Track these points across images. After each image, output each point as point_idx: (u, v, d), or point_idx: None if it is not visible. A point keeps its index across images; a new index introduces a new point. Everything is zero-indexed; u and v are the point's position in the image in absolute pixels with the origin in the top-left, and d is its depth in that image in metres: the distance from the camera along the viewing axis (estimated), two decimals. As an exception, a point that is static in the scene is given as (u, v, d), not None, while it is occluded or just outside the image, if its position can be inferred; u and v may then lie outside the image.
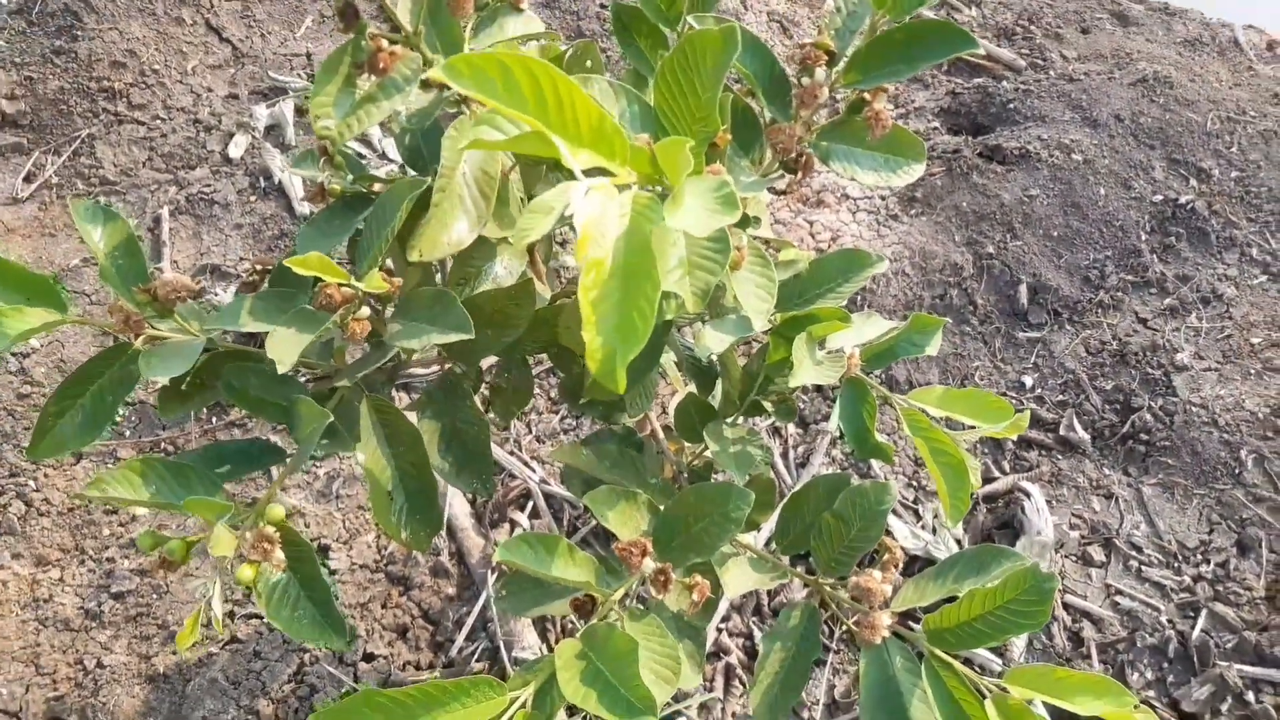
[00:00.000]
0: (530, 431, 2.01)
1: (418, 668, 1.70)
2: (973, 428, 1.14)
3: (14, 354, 1.97)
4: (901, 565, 1.06)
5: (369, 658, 1.69)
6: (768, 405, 1.21)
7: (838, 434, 2.02)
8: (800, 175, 1.02)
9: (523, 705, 0.88)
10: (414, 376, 2.06)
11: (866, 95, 1.05)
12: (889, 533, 1.87)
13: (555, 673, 0.91)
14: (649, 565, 0.97)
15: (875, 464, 1.98)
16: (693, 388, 1.33)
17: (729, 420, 1.20)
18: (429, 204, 0.99)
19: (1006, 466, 2.00)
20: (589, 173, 0.67)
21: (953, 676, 0.98)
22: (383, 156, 2.42)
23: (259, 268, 1.15)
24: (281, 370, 0.86)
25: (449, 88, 1.03)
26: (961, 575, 1.05)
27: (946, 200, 2.32)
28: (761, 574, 1.09)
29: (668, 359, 1.40)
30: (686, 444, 1.31)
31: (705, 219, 0.70)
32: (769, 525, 1.78)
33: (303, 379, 1.15)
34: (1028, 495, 1.89)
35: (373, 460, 1.07)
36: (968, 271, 2.21)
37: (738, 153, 1.10)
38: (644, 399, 1.32)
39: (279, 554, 0.91)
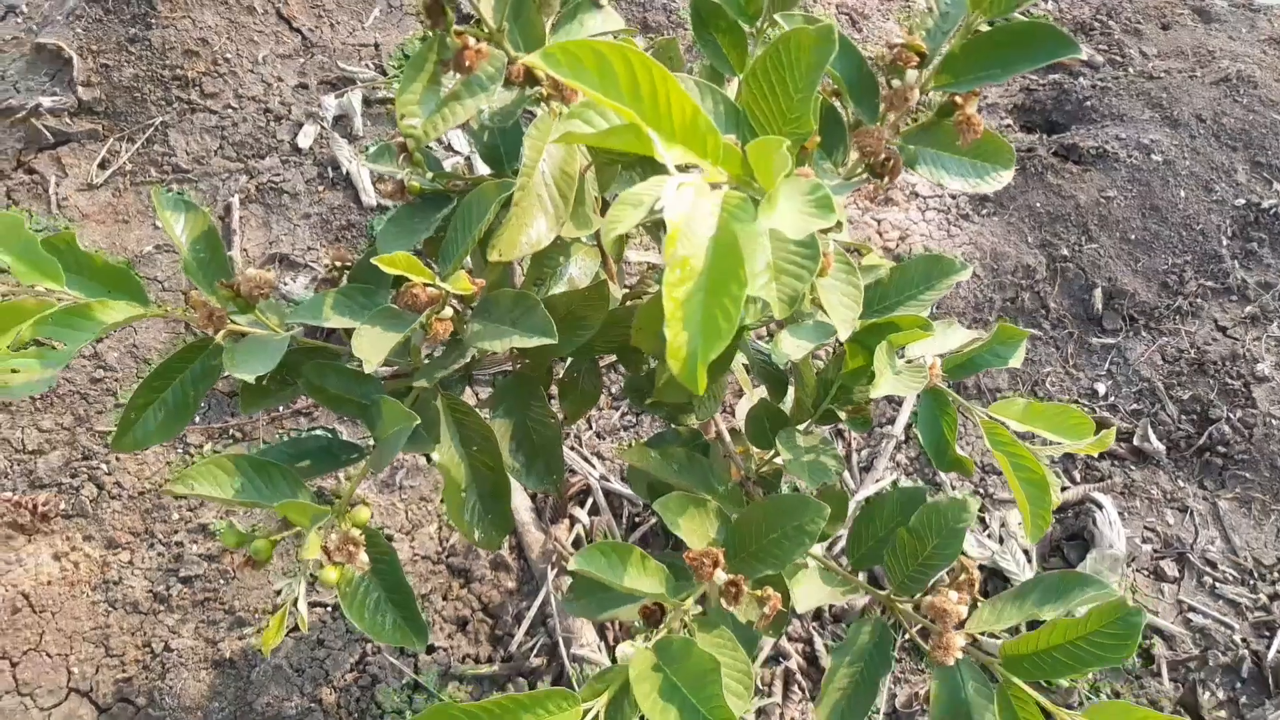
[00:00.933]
0: (590, 428, 2.00)
1: (477, 661, 1.71)
2: (1056, 443, 1.11)
3: (89, 338, 2.00)
4: (978, 585, 1.04)
5: (429, 649, 1.70)
6: (841, 414, 1.18)
7: (902, 438, 1.98)
8: (888, 180, 1.00)
9: (595, 717, 0.87)
10: (478, 373, 2.06)
11: (957, 99, 1.02)
12: (953, 541, 1.83)
13: (628, 683, 0.90)
14: (720, 577, 0.95)
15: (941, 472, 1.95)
16: (763, 392, 1.31)
17: (801, 427, 1.18)
18: (509, 203, 0.99)
19: (1078, 476, 1.95)
20: (678, 170, 0.66)
21: (1026, 705, 0.95)
22: (448, 148, 2.42)
23: (339, 263, 1.15)
24: (368, 370, 0.86)
25: (531, 86, 1.02)
26: (1041, 600, 1.02)
27: (1019, 200, 2.26)
28: (832, 587, 1.07)
29: (736, 361, 1.38)
30: (755, 449, 1.29)
31: (800, 221, 0.68)
32: (836, 537, 1.76)
33: (379, 376, 1.15)
34: (1099, 507, 1.84)
35: (448, 459, 1.07)
36: (1040, 274, 2.15)
37: (821, 155, 1.07)
38: (713, 402, 1.30)
39: (363, 556, 0.91)
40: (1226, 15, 2.81)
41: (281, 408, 1.96)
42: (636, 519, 1.89)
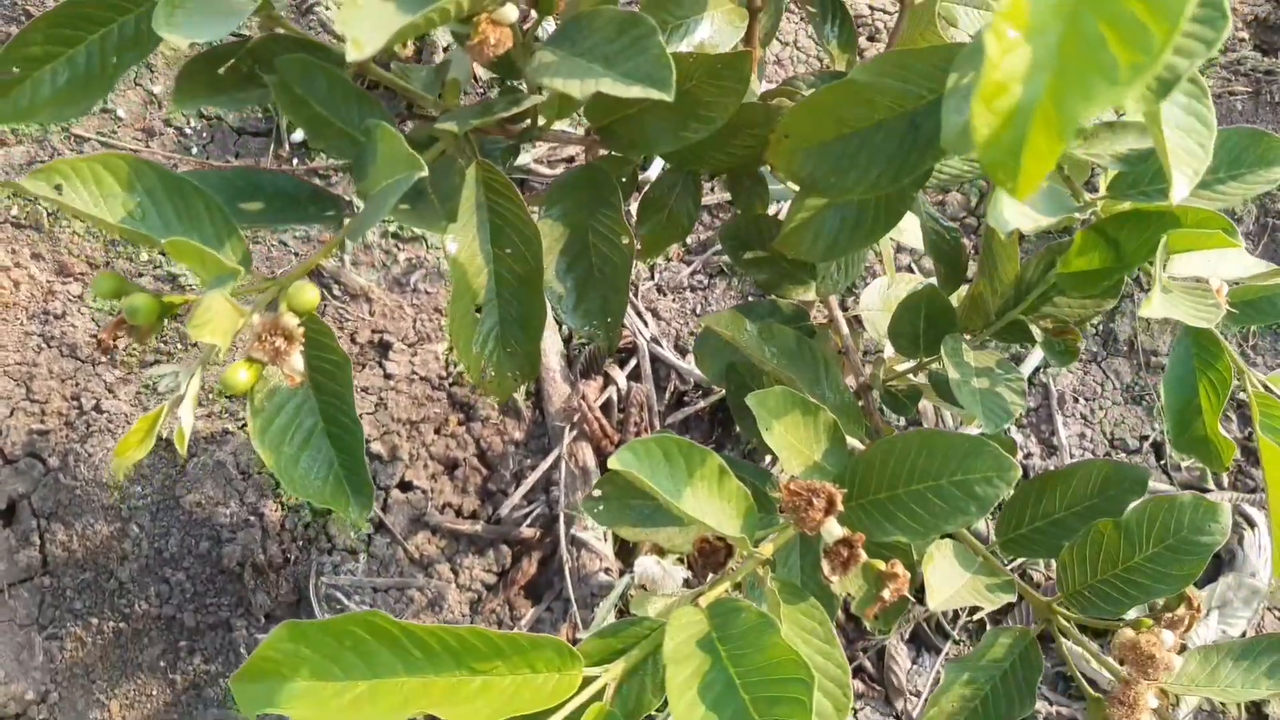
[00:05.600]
0: (652, 277, 1.65)
1: (459, 514, 1.41)
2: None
3: None
4: (1196, 626, 0.69)
5: (405, 487, 1.41)
6: (1036, 331, 0.82)
7: (1025, 378, 1.61)
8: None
9: (597, 695, 0.55)
10: (532, 174, 1.70)
11: None
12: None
13: (657, 655, 0.57)
14: (832, 529, 0.61)
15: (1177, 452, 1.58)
16: (910, 282, 0.95)
17: (971, 338, 0.82)
18: None
19: (1225, 480, 1.58)
20: None
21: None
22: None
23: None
24: (354, 56, 0.50)
25: None
26: (1283, 668, 0.68)
27: (1245, 131, 1.81)
28: (973, 575, 0.73)
29: (885, 240, 1.00)
30: (892, 352, 0.93)
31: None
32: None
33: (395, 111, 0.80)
34: (1250, 525, 1.48)
35: (467, 254, 0.73)
36: (1247, 227, 1.73)
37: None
38: (845, 274, 0.94)
39: (296, 360, 0.58)
40: None
41: (307, 158, 1.61)
42: (684, 397, 1.55)
